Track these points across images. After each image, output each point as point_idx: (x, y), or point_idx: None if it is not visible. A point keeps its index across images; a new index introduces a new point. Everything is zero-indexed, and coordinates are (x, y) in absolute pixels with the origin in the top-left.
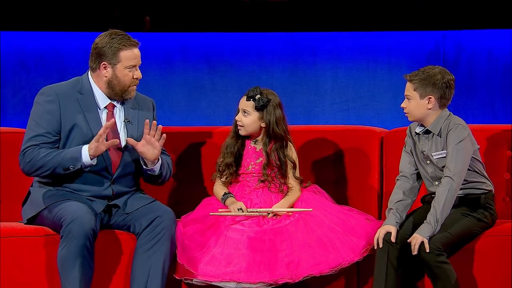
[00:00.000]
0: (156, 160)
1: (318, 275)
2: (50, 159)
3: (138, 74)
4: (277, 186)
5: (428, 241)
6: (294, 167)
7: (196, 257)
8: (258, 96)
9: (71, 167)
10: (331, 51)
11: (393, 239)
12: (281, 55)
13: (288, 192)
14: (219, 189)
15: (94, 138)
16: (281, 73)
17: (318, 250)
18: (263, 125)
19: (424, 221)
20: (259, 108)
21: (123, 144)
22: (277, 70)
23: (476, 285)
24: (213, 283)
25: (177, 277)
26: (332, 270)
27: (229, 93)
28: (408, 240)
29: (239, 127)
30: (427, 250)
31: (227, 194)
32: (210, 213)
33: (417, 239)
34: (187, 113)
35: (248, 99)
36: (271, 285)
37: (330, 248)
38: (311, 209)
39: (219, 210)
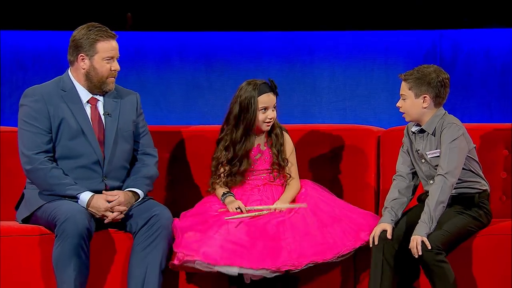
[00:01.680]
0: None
1: (321, 261)
2: (54, 184)
3: (115, 66)
4: (273, 178)
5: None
6: (292, 158)
7: (197, 242)
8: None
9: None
10: (328, 50)
11: (389, 235)
12: (279, 54)
13: (287, 183)
14: (219, 190)
15: (103, 210)
16: (278, 72)
17: (320, 237)
18: None
19: (419, 221)
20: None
21: (107, 137)
22: (274, 69)
23: (474, 285)
24: (215, 267)
25: (176, 263)
26: (334, 257)
27: (226, 92)
28: (410, 246)
29: (269, 124)
30: (429, 247)
31: (226, 193)
32: (225, 218)
33: (416, 240)
34: (184, 112)
35: (274, 94)
36: (273, 272)
37: (332, 235)
38: (305, 205)
39: (219, 210)
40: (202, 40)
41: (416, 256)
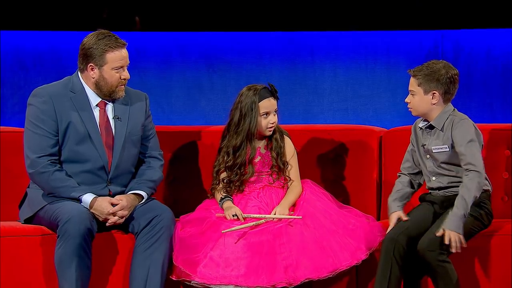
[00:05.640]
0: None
1: (316, 279)
2: (57, 187)
3: (125, 74)
4: (272, 180)
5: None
6: (293, 161)
7: (193, 259)
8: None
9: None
10: (330, 51)
11: (404, 218)
12: (280, 55)
13: (288, 188)
14: (218, 195)
15: (106, 213)
16: (280, 72)
17: (316, 253)
18: None
19: (451, 214)
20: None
21: (116, 141)
22: (276, 69)
23: (476, 285)
24: (211, 286)
25: (173, 278)
26: (330, 274)
27: (227, 93)
28: (438, 234)
29: (271, 130)
30: (465, 246)
31: (224, 198)
32: (222, 231)
33: (455, 237)
34: (186, 112)
35: (275, 99)
36: None
37: (329, 251)
38: (300, 217)
39: (216, 214)
40: (203, 41)
41: (454, 251)
